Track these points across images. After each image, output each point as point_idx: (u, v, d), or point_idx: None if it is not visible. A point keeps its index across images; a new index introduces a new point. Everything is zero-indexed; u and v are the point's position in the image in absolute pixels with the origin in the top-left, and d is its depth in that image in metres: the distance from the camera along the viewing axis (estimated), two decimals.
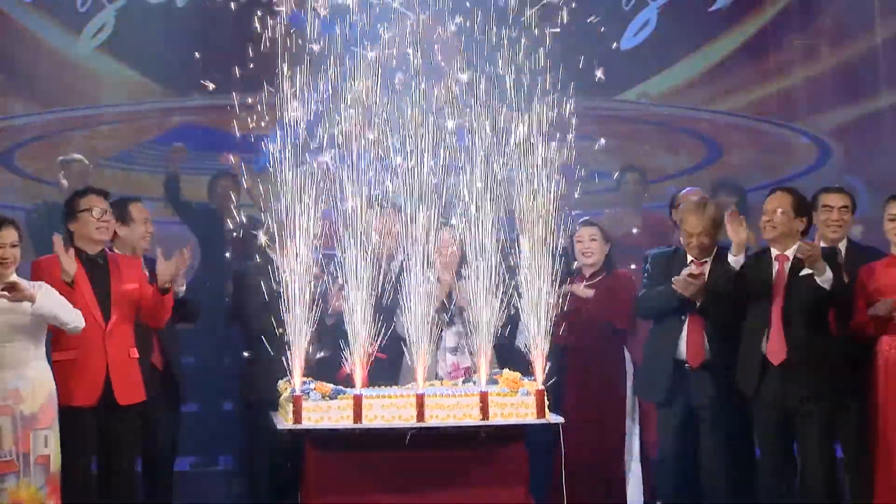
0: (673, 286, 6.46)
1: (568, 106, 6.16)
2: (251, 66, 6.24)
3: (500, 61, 6.12)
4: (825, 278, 6.19)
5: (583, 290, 6.85)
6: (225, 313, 7.10)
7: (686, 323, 6.56)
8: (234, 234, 6.68)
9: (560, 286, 6.19)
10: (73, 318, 5.76)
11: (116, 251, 6.40)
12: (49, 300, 5.69)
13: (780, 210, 6.38)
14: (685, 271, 6.47)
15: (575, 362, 6.95)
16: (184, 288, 6.36)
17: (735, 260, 6.37)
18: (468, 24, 6.21)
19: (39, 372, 5.79)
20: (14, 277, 5.74)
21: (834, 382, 6.31)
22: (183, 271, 6.23)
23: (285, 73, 5.98)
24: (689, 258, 6.63)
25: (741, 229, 6.38)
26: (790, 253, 6.40)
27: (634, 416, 6.98)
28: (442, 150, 6.05)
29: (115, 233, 6.34)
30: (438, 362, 6.60)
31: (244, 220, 6.92)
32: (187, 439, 7.05)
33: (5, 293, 5.57)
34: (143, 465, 6.59)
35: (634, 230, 8.15)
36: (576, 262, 7.03)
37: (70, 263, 5.92)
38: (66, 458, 5.88)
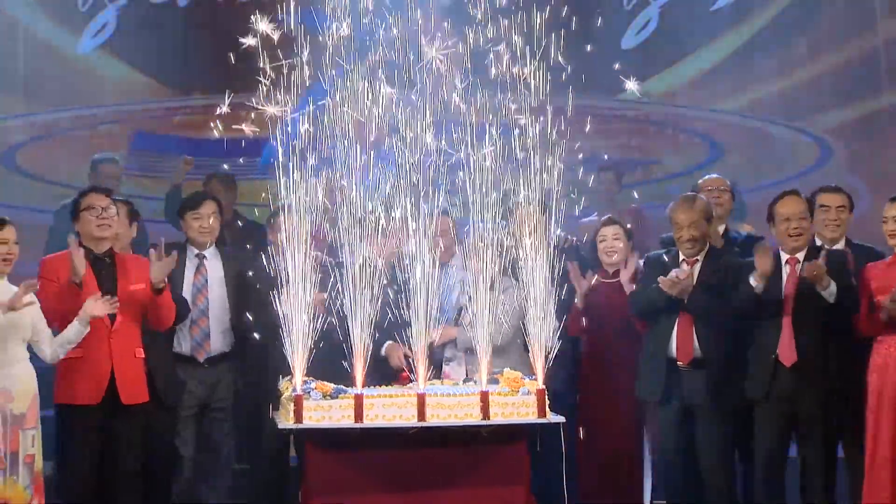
0: (660, 285, 6.48)
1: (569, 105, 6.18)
2: (252, 66, 6.23)
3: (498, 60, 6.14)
4: (829, 292, 6.24)
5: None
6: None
7: (676, 321, 6.58)
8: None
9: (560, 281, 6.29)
10: (48, 351, 5.84)
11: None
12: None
13: (804, 217, 6.43)
14: (672, 273, 6.50)
15: (591, 359, 6.98)
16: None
17: (757, 287, 6.34)
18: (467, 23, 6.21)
19: (27, 372, 5.82)
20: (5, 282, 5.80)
21: (842, 384, 6.34)
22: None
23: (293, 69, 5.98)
24: (682, 257, 6.66)
25: (767, 260, 6.34)
26: (800, 256, 6.43)
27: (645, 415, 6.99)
28: (439, 150, 6.06)
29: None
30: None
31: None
32: None
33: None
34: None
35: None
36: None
37: (81, 264, 5.94)
38: (68, 456, 5.89)
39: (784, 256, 6.47)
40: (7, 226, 5.83)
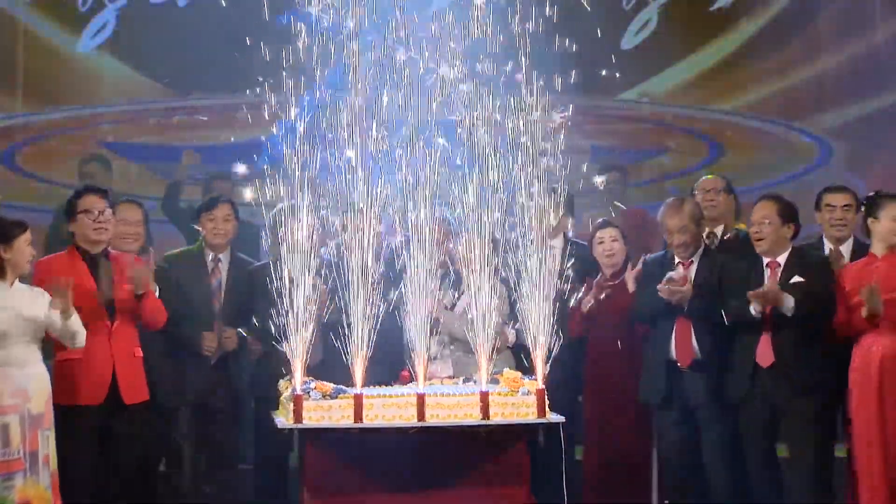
0: (659, 293, 6.50)
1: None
2: (253, 66, 6.22)
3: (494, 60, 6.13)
4: (787, 307, 6.28)
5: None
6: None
7: (675, 324, 6.60)
8: None
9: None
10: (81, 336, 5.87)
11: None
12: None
13: (766, 220, 6.45)
14: (667, 276, 6.52)
15: (594, 360, 6.97)
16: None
17: (755, 314, 6.36)
18: (467, 25, 6.20)
19: (42, 372, 5.84)
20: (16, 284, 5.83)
21: (822, 381, 6.37)
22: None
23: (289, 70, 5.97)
24: (677, 260, 6.68)
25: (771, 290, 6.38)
26: (781, 260, 6.47)
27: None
28: (439, 150, 6.05)
29: None
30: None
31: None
32: None
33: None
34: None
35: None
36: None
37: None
38: (69, 456, 5.89)
39: (765, 259, 6.50)
40: (28, 229, 5.88)
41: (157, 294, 6.30)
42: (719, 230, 7.18)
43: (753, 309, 6.33)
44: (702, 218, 6.77)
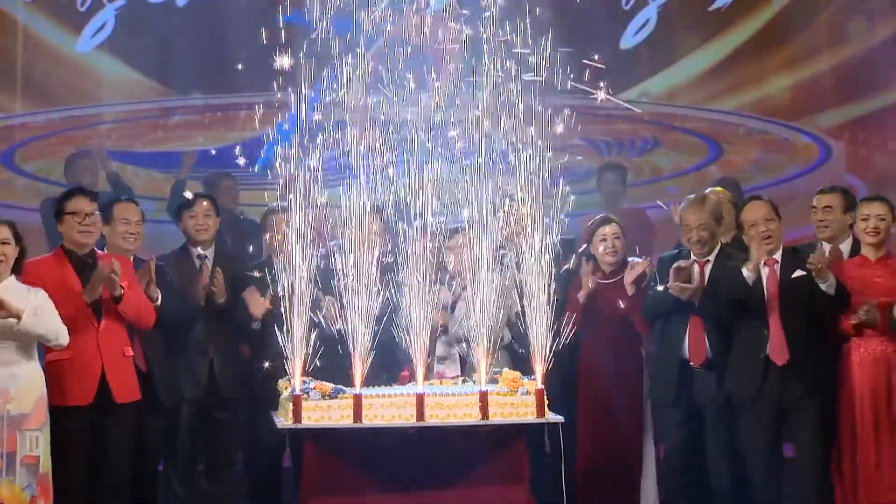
0: (669, 290, 6.49)
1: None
2: (252, 65, 6.22)
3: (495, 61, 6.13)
4: (829, 284, 6.27)
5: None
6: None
7: (688, 322, 6.59)
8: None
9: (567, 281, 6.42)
10: (55, 335, 5.79)
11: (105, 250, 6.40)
12: (36, 319, 5.70)
13: (767, 218, 6.46)
14: (675, 265, 6.50)
15: (590, 360, 6.94)
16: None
17: (748, 275, 6.37)
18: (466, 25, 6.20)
19: (31, 373, 5.79)
20: (5, 282, 5.76)
21: (830, 381, 6.40)
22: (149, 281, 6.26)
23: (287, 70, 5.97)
24: (693, 257, 6.66)
25: (760, 250, 6.39)
26: (777, 256, 6.47)
27: (648, 416, 6.98)
28: (440, 152, 6.05)
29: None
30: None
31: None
32: None
33: None
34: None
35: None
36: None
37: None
38: (60, 457, 5.88)
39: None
40: (3, 226, 5.81)
41: (157, 299, 6.31)
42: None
43: (747, 268, 6.29)
44: (722, 217, 6.75)
